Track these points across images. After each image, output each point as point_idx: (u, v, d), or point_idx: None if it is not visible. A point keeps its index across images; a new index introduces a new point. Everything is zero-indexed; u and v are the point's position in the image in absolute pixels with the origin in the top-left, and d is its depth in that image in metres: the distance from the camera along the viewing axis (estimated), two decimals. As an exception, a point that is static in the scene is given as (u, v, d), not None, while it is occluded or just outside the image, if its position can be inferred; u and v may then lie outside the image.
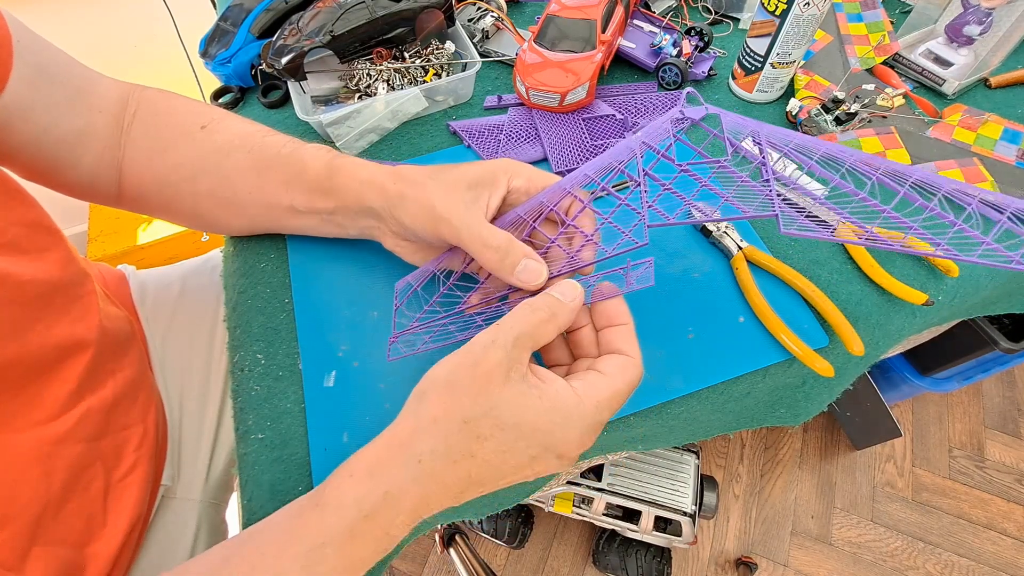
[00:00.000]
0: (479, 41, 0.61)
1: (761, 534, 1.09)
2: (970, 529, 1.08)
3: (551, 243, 0.35)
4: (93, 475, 0.36)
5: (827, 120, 0.51)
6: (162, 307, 0.53)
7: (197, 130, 0.40)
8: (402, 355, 0.36)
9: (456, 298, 0.37)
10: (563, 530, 1.09)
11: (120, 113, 0.40)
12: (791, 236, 0.32)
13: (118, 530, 0.37)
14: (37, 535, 0.32)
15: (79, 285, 0.39)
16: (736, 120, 0.32)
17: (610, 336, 0.30)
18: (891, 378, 1.06)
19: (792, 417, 0.47)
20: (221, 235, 0.48)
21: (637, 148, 0.32)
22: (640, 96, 0.57)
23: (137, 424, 0.41)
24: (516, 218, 0.36)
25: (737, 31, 0.64)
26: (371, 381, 0.39)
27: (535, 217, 0.35)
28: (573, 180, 0.34)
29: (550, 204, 0.35)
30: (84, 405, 0.36)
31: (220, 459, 0.50)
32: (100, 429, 0.37)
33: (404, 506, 0.27)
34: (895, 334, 0.44)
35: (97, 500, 0.36)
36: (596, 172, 0.33)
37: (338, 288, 0.43)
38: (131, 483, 0.39)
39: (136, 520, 0.39)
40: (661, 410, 0.39)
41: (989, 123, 0.51)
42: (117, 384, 0.40)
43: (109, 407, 0.38)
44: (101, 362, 0.38)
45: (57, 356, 0.35)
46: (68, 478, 0.34)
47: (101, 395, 0.38)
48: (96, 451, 0.37)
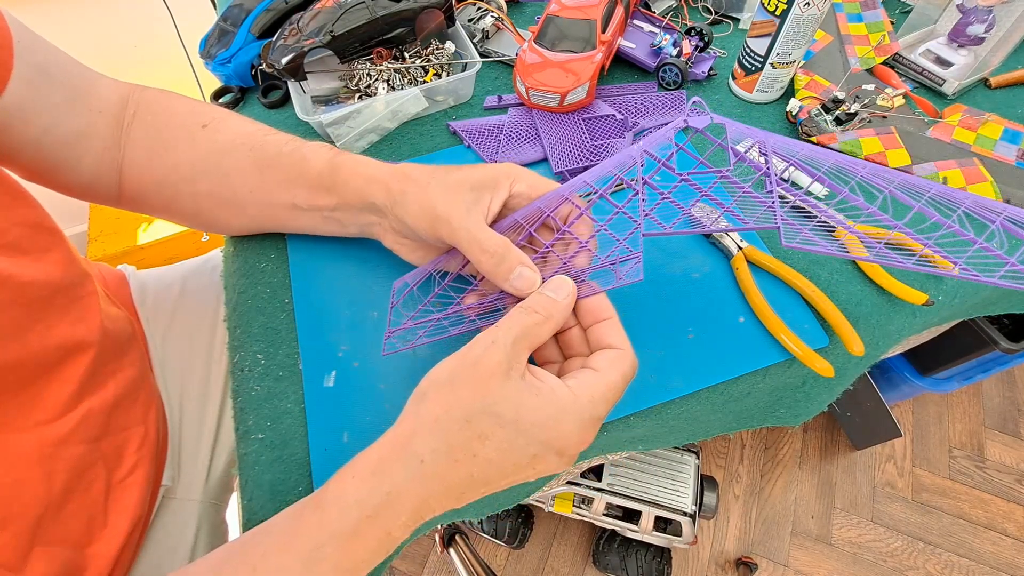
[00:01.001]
0: (479, 41, 0.61)
1: (761, 534, 1.09)
2: (970, 529, 1.08)
3: (546, 248, 0.35)
4: (94, 476, 0.36)
5: (827, 120, 0.51)
6: (162, 307, 0.53)
7: (198, 129, 0.40)
8: (397, 350, 0.37)
9: (451, 299, 0.37)
10: (563, 530, 1.09)
11: (120, 113, 0.40)
12: (793, 249, 0.32)
13: (119, 530, 0.37)
14: (38, 535, 0.32)
15: (80, 286, 0.39)
16: (741, 129, 0.32)
17: (598, 332, 0.31)
18: (891, 378, 1.06)
19: (792, 417, 0.47)
20: (221, 235, 0.48)
21: (638, 156, 0.33)
22: (640, 96, 0.57)
23: (138, 424, 0.41)
24: (514, 223, 0.36)
25: (737, 31, 0.64)
26: (371, 381, 0.39)
27: (533, 222, 0.35)
28: (572, 187, 0.34)
29: (548, 210, 0.35)
30: (85, 406, 0.36)
31: (220, 459, 0.50)
32: (101, 430, 0.37)
33: (406, 506, 0.27)
34: (895, 334, 0.44)
35: (98, 501, 0.36)
36: (596, 180, 0.34)
37: (338, 288, 0.43)
38: (132, 484, 0.39)
39: (137, 520, 0.39)
40: (661, 410, 0.39)
41: (989, 123, 0.51)
42: (118, 384, 0.40)
43: (110, 408, 0.38)
44: (102, 363, 0.39)
45: (58, 357, 0.35)
46: (69, 479, 0.34)
47: (102, 396, 0.38)
48: (97, 452, 0.37)
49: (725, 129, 0.32)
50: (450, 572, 1.06)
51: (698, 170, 0.32)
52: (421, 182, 0.35)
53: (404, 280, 0.39)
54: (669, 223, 0.32)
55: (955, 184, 0.47)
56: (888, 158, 0.49)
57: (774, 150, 0.32)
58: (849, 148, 0.49)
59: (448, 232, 0.33)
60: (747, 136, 0.32)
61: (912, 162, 0.48)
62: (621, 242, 0.32)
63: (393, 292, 0.39)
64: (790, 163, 0.32)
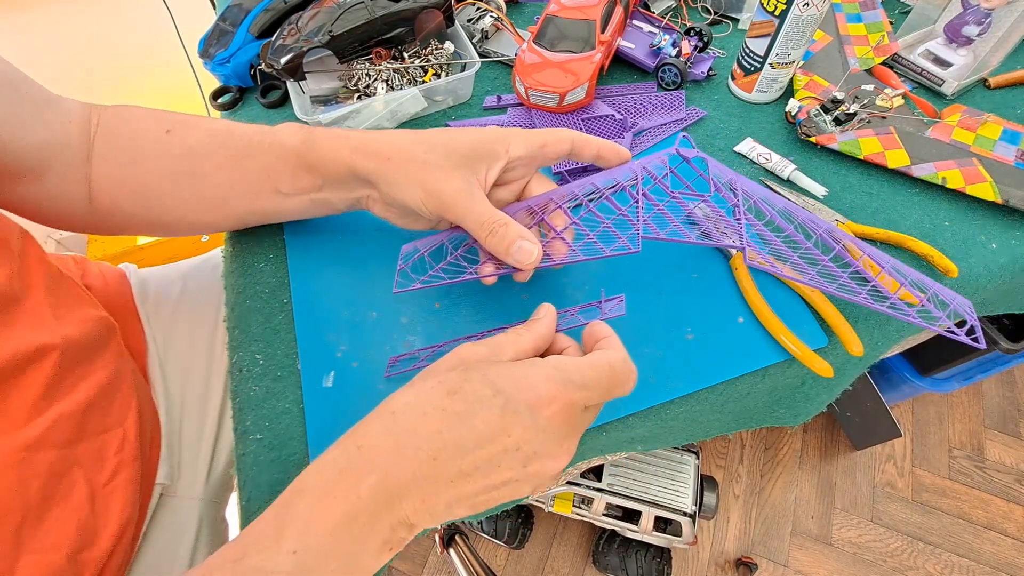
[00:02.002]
0: (478, 41, 0.61)
1: (761, 534, 1.09)
2: (970, 529, 1.08)
3: (556, 235, 0.38)
4: (73, 481, 0.35)
5: (826, 120, 0.51)
6: (163, 306, 0.53)
7: (163, 135, 0.39)
8: (409, 287, 0.38)
9: (462, 268, 0.38)
10: (563, 530, 1.09)
11: (85, 125, 0.39)
12: (753, 267, 0.39)
13: (108, 534, 0.36)
14: (23, 543, 0.32)
15: (24, 298, 0.37)
16: (719, 167, 0.41)
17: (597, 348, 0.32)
18: (891, 378, 1.06)
19: (792, 417, 0.47)
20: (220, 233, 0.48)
21: (639, 171, 0.40)
22: (639, 96, 0.57)
23: (116, 428, 0.40)
24: (527, 208, 0.40)
25: (736, 31, 0.64)
26: (370, 381, 0.39)
27: (543, 209, 0.40)
28: (580, 185, 0.40)
29: (559, 202, 0.39)
30: (55, 410, 0.35)
31: (222, 457, 0.50)
32: (75, 434, 0.36)
33: (378, 462, 0.26)
34: (895, 334, 0.44)
35: (84, 506, 0.35)
36: (602, 183, 0.40)
37: (337, 288, 0.43)
38: (117, 487, 0.38)
39: (126, 523, 0.38)
40: (661, 410, 0.39)
41: (988, 123, 0.51)
42: (90, 388, 0.39)
43: (83, 411, 0.37)
44: (69, 367, 0.37)
45: (15, 366, 0.34)
46: (45, 485, 0.34)
47: (73, 399, 0.37)
48: (72, 457, 0.36)
49: (707, 163, 0.40)
50: (450, 572, 1.06)
51: (685, 191, 0.40)
52: (415, 158, 0.35)
53: (414, 245, 0.40)
54: (663, 231, 0.38)
55: (954, 184, 0.47)
56: (887, 158, 0.49)
57: (743, 188, 0.40)
58: (848, 148, 0.49)
59: (452, 214, 0.34)
60: (723, 173, 0.41)
61: (911, 162, 0.48)
62: (622, 239, 0.37)
63: (401, 255, 0.40)
64: (753, 201, 0.40)
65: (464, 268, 0.38)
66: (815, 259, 0.39)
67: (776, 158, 0.50)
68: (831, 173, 0.50)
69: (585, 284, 0.43)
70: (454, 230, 0.40)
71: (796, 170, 0.49)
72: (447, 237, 0.40)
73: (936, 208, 0.48)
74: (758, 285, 0.42)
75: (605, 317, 0.36)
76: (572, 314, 0.37)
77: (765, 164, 0.50)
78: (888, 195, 0.49)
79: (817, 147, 0.52)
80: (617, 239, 0.37)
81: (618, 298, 0.37)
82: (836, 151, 0.50)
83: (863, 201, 0.48)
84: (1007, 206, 0.46)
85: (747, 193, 0.40)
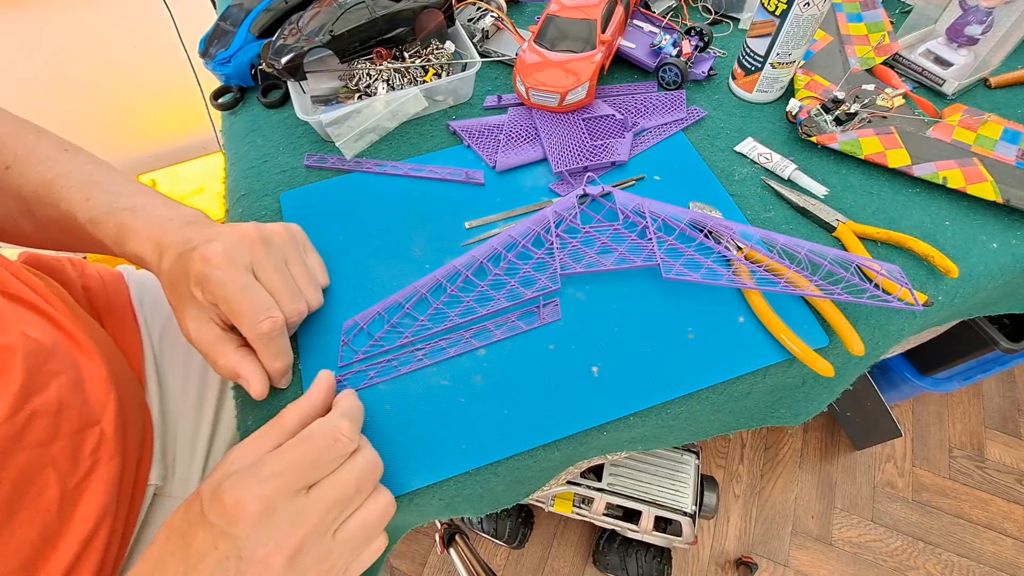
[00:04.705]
0: (479, 41, 0.61)
1: (761, 534, 1.09)
2: (970, 529, 1.08)
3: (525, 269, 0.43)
4: (45, 482, 0.35)
5: (827, 120, 0.51)
6: (160, 307, 0.53)
7: (2, 170, 0.39)
8: (352, 360, 0.40)
9: (401, 333, 0.41)
10: (563, 530, 1.09)
11: None
12: (672, 280, 0.42)
13: (75, 540, 0.35)
14: None
15: None
16: (626, 196, 0.46)
17: None
18: (891, 378, 1.06)
19: (792, 417, 0.47)
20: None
21: (551, 216, 0.45)
22: (640, 96, 0.57)
23: (92, 426, 0.39)
24: (492, 248, 0.44)
25: (737, 31, 0.64)
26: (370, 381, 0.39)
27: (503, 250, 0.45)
28: (501, 241, 0.44)
29: (481, 258, 0.44)
30: (27, 410, 0.34)
31: (216, 458, 0.50)
32: (49, 434, 0.35)
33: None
34: (895, 334, 0.44)
35: (51, 509, 0.35)
36: (519, 234, 0.45)
37: (337, 288, 0.43)
38: (87, 488, 0.37)
39: (96, 526, 0.37)
40: (661, 410, 0.39)
41: (989, 123, 0.51)
42: (62, 386, 0.37)
43: (55, 411, 0.36)
44: (36, 365, 0.36)
45: None
46: (15, 487, 0.33)
47: (44, 397, 0.36)
48: (47, 456, 0.35)
49: (613, 195, 0.46)
50: (450, 572, 1.06)
51: (596, 225, 0.45)
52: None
53: (354, 320, 0.42)
54: (579, 264, 0.43)
55: (955, 184, 0.47)
56: (888, 158, 0.49)
57: (651, 210, 0.45)
58: (849, 148, 0.49)
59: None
60: (630, 200, 0.46)
61: (912, 162, 0.48)
62: (542, 279, 0.42)
63: (343, 331, 0.41)
64: (663, 219, 0.44)
65: (403, 332, 0.41)
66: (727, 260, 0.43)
67: (777, 158, 0.50)
68: (832, 173, 0.50)
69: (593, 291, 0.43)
70: (390, 299, 0.42)
71: (797, 170, 0.49)
72: (382, 308, 0.42)
73: (937, 208, 0.48)
74: (759, 285, 0.42)
75: (543, 323, 0.41)
76: (512, 321, 0.41)
77: (766, 164, 0.50)
78: (889, 195, 0.49)
79: (818, 147, 0.52)
80: (538, 280, 0.42)
81: (553, 302, 0.41)
82: (837, 151, 0.50)
83: (864, 201, 0.48)
84: (1008, 206, 0.46)
85: (654, 214, 0.45)
